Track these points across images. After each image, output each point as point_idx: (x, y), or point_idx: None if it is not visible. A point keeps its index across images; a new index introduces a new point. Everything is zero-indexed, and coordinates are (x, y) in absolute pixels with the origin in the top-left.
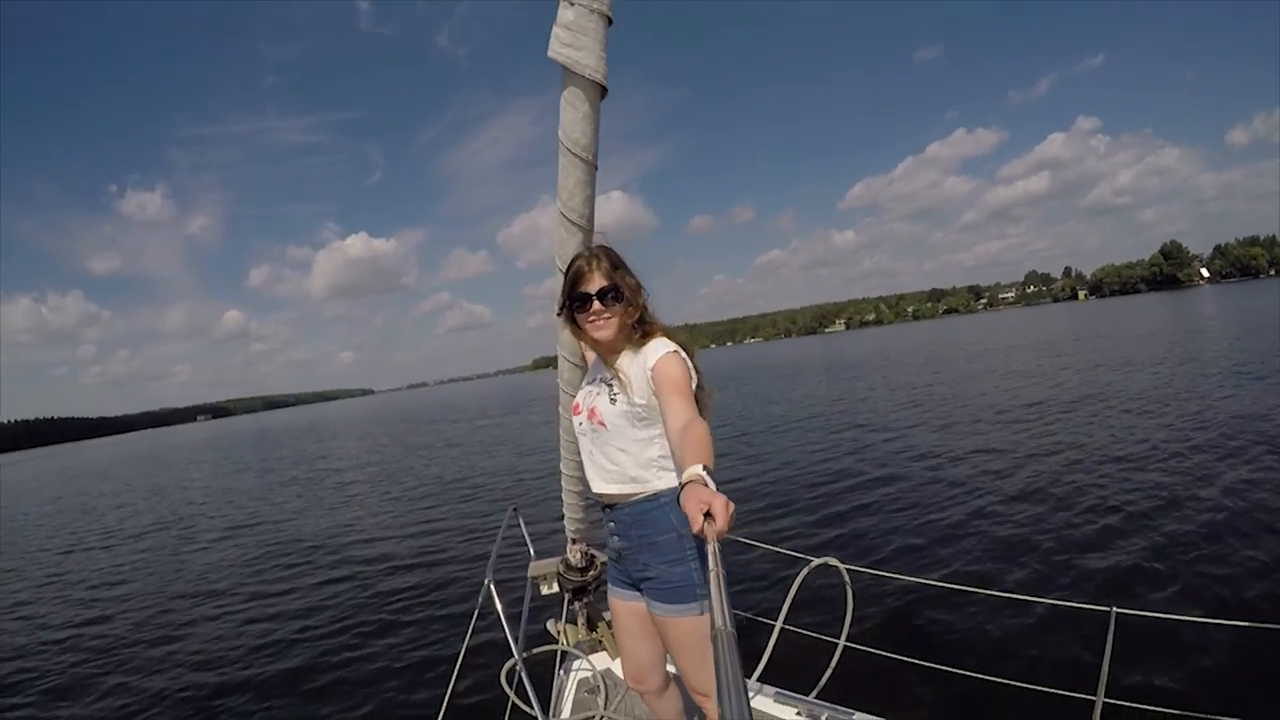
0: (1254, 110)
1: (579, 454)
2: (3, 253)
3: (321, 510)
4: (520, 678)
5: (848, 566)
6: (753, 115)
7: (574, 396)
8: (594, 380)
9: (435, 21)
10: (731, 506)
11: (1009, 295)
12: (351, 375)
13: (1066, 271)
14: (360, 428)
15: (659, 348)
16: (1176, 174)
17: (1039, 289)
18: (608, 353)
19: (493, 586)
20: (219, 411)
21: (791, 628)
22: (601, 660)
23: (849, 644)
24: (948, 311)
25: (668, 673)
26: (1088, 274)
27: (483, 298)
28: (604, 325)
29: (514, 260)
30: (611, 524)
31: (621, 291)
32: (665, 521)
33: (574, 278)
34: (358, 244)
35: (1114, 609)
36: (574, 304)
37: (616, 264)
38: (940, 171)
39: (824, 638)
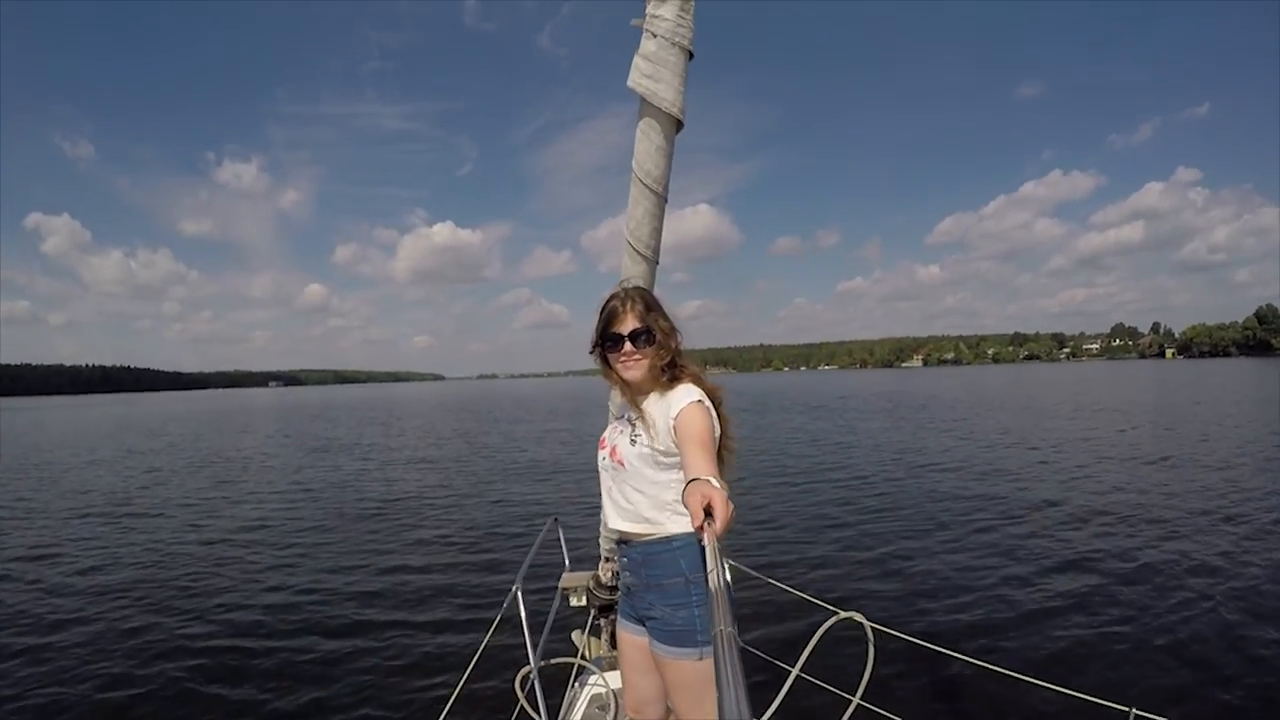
0: None
1: None
2: (99, 206)
3: (370, 489)
4: (534, 685)
5: (873, 625)
6: (846, 140)
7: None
8: (620, 418)
9: (538, 21)
10: (732, 506)
11: (1093, 347)
12: (424, 359)
13: (1154, 328)
14: (427, 413)
15: (685, 396)
16: (1275, 235)
17: (1125, 343)
18: (635, 393)
19: (520, 593)
20: (291, 380)
21: (807, 676)
22: (616, 679)
23: (863, 703)
24: (1029, 357)
25: (668, 709)
26: (1176, 332)
27: (562, 297)
28: (634, 366)
29: (596, 264)
30: (624, 559)
31: (654, 334)
32: (675, 565)
33: (608, 317)
34: (444, 232)
35: (1134, 710)
36: (606, 343)
37: (650, 306)
38: (1032, 212)
39: (838, 692)
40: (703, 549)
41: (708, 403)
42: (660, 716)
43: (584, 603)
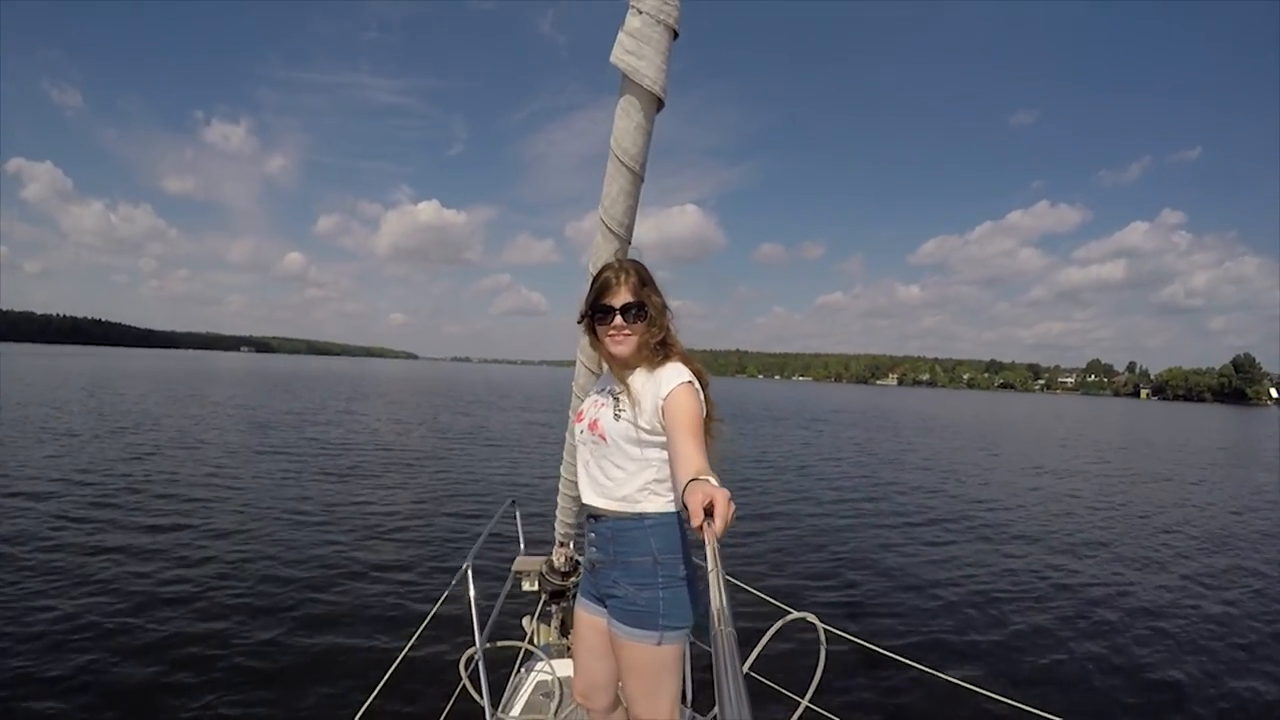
0: None
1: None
2: (83, 156)
3: (330, 460)
4: (478, 666)
5: (826, 626)
6: (839, 152)
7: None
8: (602, 391)
9: (540, 5)
10: (734, 507)
11: (1068, 380)
12: (399, 337)
13: (1130, 367)
14: (398, 391)
15: (674, 375)
16: (1253, 285)
17: (1100, 379)
18: (622, 368)
19: (470, 571)
20: (262, 346)
21: (757, 676)
22: (564, 667)
23: (811, 705)
24: (1003, 386)
25: (618, 696)
26: (1152, 373)
27: (541, 286)
28: (623, 341)
29: (579, 255)
30: (592, 534)
31: (646, 309)
32: (644, 543)
33: (600, 288)
34: (428, 211)
35: None
36: (596, 314)
37: (645, 280)
38: (1017, 241)
39: (787, 693)
40: (679, 537)
41: (697, 384)
42: (608, 703)
43: (536, 587)
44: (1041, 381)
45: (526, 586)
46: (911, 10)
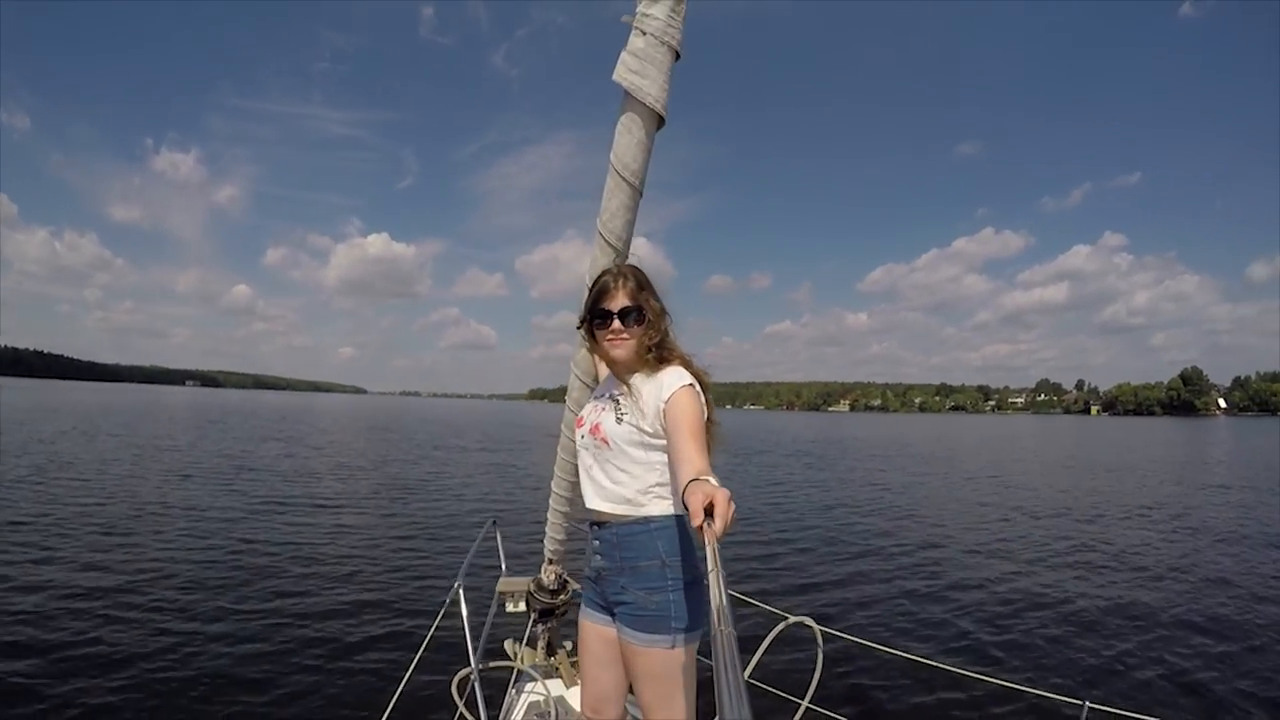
0: (1277, 248)
1: (574, 475)
2: (29, 181)
3: (294, 500)
4: (474, 689)
5: (823, 629)
6: (787, 184)
7: (578, 415)
8: (602, 395)
9: (494, 40)
10: (734, 508)
11: (1018, 400)
12: (347, 371)
13: (1079, 385)
14: (350, 426)
15: (676, 378)
16: (1193, 302)
17: (1050, 398)
18: (623, 371)
19: (462, 593)
20: (209, 381)
21: (756, 682)
22: (556, 687)
23: (812, 705)
24: (954, 408)
25: (626, 708)
26: (1101, 389)
27: (491, 320)
28: (621, 345)
29: (528, 289)
30: (597, 542)
31: (644, 313)
32: (652, 547)
33: (598, 293)
34: (378, 244)
35: (1087, 703)
36: (594, 319)
37: (643, 285)
38: (962, 267)
39: (787, 696)
40: (686, 539)
41: (698, 387)
42: (618, 715)
43: (521, 608)
44: (992, 402)
45: (511, 607)
46: (860, 48)
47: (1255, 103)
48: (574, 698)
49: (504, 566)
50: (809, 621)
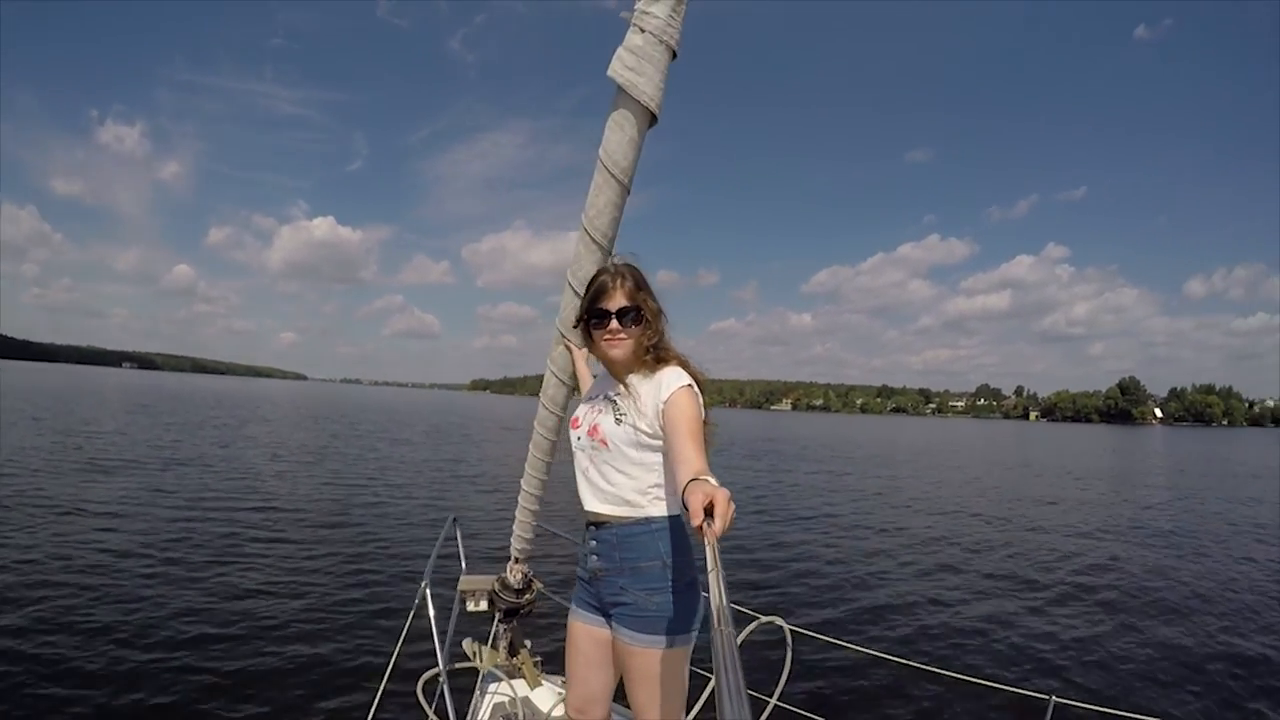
0: (1215, 265)
1: (545, 474)
2: None
3: (233, 498)
4: (442, 691)
5: (792, 628)
6: (738, 183)
7: (554, 413)
8: (597, 396)
9: (452, 24)
10: (734, 508)
11: (958, 404)
12: (288, 357)
13: (1019, 390)
14: (292, 419)
15: (675, 379)
16: (1131, 314)
17: (989, 403)
18: (620, 371)
19: (429, 594)
20: (146, 363)
21: None
22: (521, 688)
23: (780, 703)
24: (895, 410)
25: (611, 709)
26: (1040, 396)
27: (435, 308)
28: (619, 345)
29: (474, 278)
30: (594, 542)
31: (642, 314)
32: (653, 547)
33: (596, 292)
34: (324, 227)
35: (1053, 697)
36: (591, 318)
37: (641, 285)
38: (907, 272)
39: (756, 694)
40: (684, 540)
41: (696, 388)
42: (604, 717)
43: (483, 607)
44: (933, 405)
45: (473, 607)
46: (818, 51)
47: (1200, 126)
48: (540, 699)
49: (464, 565)
50: (779, 621)
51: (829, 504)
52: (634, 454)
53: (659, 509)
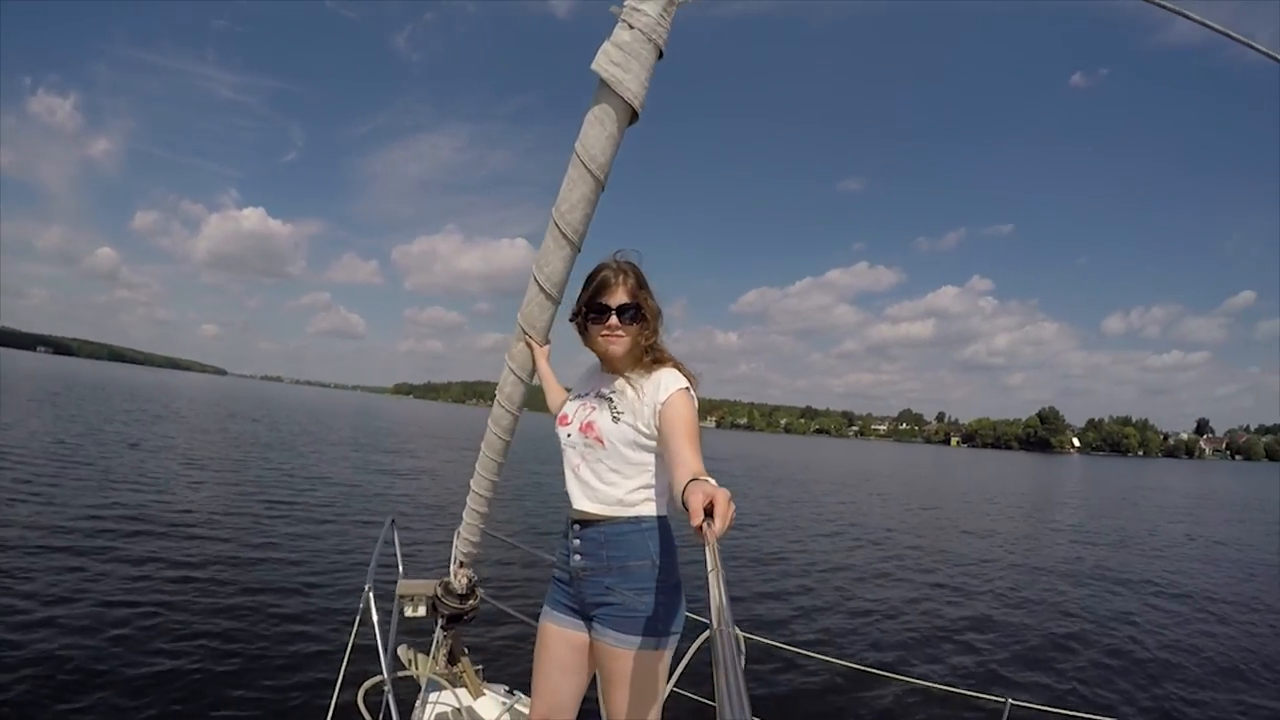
0: (1133, 304)
1: (498, 475)
2: None
3: (145, 503)
4: (387, 701)
5: (745, 635)
6: (675, 199)
7: (510, 411)
8: (588, 393)
9: (400, 20)
10: (734, 508)
11: (880, 428)
12: (209, 350)
13: (940, 416)
14: (210, 416)
15: (673, 380)
16: (1050, 347)
17: (911, 427)
18: (615, 368)
19: (372, 600)
20: (61, 348)
21: (681, 691)
22: (463, 697)
23: (684, 695)
24: (819, 431)
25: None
26: (962, 422)
27: (361, 308)
28: (617, 342)
29: (403, 280)
30: (577, 541)
31: (642, 312)
32: (643, 547)
33: (598, 287)
34: (254, 218)
35: (1009, 700)
36: (590, 313)
37: (642, 283)
38: (834, 297)
39: (706, 701)
40: (671, 541)
41: (693, 391)
42: None
43: (421, 612)
44: (856, 428)
45: (410, 612)
46: (761, 74)
47: (1125, 173)
48: (483, 709)
49: (401, 569)
50: (735, 630)
51: (769, 517)
52: (630, 454)
53: (650, 509)
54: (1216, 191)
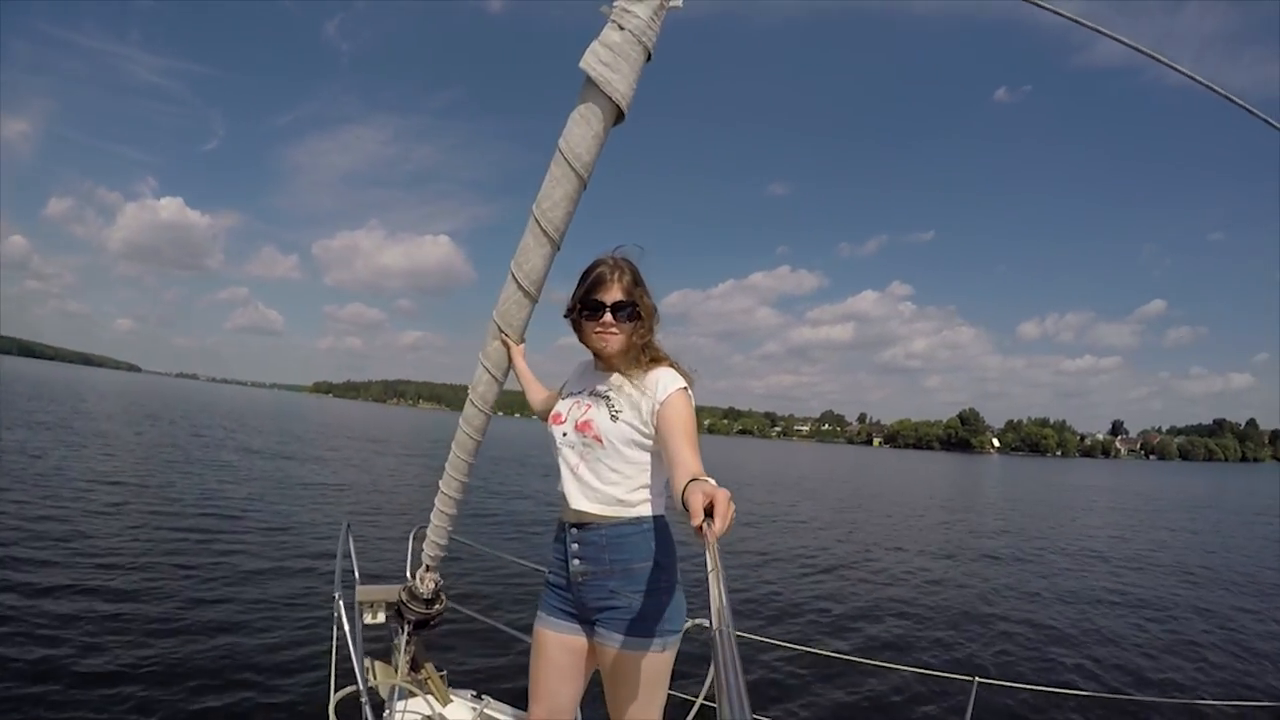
0: (1048, 311)
1: (467, 475)
2: None
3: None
4: (365, 715)
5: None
6: (599, 199)
7: (483, 411)
8: (582, 392)
9: (331, 8)
10: (734, 508)
11: (804, 428)
12: (123, 345)
13: (861, 417)
14: (125, 416)
15: (671, 380)
16: (967, 351)
17: (834, 428)
18: (610, 366)
19: (344, 607)
20: None
21: (676, 690)
22: (433, 705)
23: (706, 702)
24: (742, 432)
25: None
26: (884, 423)
27: (280, 304)
28: (610, 339)
29: (323, 275)
30: (576, 545)
31: (637, 310)
32: (645, 548)
33: (593, 283)
34: (172, 208)
35: (977, 679)
36: (585, 310)
37: (638, 281)
38: (756, 300)
39: (682, 695)
40: (671, 540)
41: (690, 391)
42: None
43: (380, 619)
44: (779, 429)
45: (370, 619)
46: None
47: (1044, 186)
48: (452, 715)
49: (357, 574)
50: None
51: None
52: (629, 452)
53: (649, 509)
54: (1132, 205)
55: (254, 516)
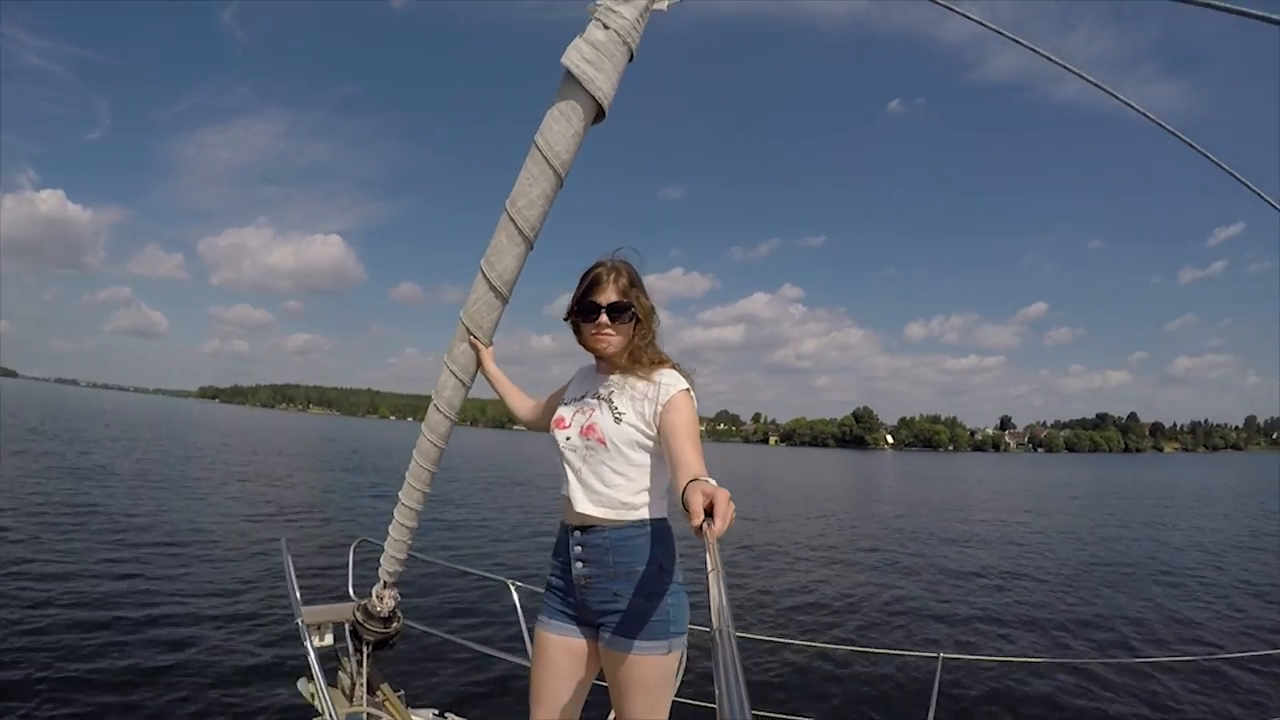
0: (934, 313)
1: (428, 485)
2: None
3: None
4: None
5: (692, 626)
6: (491, 199)
7: (448, 417)
8: (584, 395)
9: None
10: (734, 508)
11: (700, 429)
12: None
13: (756, 417)
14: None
15: (675, 382)
16: (856, 352)
17: (729, 427)
18: (610, 368)
19: (303, 627)
20: None
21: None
22: None
23: (679, 699)
24: None
25: None
26: (779, 422)
27: (164, 305)
28: (607, 341)
29: (209, 275)
30: (579, 548)
31: (634, 311)
32: (649, 551)
33: (590, 285)
34: (52, 201)
35: (941, 654)
36: (581, 312)
37: (635, 282)
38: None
39: (680, 698)
40: (673, 542)
41: (692, 392)
42: None
43: (328, 641)
44: None
45: (318, 641)
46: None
47: (932, 194)
48: None
49: (298, 594)
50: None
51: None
52: (632, 454)
53: (654, 511)
54: (1016, 213)
55: (171, 540)
